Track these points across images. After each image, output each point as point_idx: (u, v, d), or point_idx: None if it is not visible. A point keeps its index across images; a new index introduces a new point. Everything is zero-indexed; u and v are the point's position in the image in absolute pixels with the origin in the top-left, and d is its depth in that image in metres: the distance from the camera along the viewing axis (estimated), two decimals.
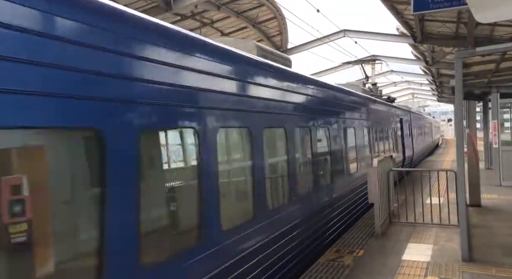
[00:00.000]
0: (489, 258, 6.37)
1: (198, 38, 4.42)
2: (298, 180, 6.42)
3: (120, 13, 3.33)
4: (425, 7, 10.58)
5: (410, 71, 37.31)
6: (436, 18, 14.90)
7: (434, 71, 28.02)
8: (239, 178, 5.25)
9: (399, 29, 20.14)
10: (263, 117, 5.43)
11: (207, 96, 4.22)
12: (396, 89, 48.26)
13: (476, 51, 6.26)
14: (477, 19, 4.76)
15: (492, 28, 14.44)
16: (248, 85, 5.13)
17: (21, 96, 2.42)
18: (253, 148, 5.12)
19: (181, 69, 3.85)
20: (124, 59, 3.19)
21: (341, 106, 9.22)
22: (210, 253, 4.06)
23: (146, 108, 3.36)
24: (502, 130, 14.15)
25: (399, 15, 16.32)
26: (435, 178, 13.53)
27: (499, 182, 13.40)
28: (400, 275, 5.78)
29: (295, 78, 6.74)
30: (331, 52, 61.81)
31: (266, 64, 5.88)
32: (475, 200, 10.28)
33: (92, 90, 2.86)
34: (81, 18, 2.86)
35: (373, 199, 7.98)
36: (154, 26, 3.70)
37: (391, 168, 9.41)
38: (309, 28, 26.91)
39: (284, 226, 5.82)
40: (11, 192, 2.44)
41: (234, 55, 4.96)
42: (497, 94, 13.42)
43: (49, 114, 2.57)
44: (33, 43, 2.53)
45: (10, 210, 2.42)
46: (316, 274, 5.84)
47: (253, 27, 19.87)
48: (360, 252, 6.83)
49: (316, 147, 7.41)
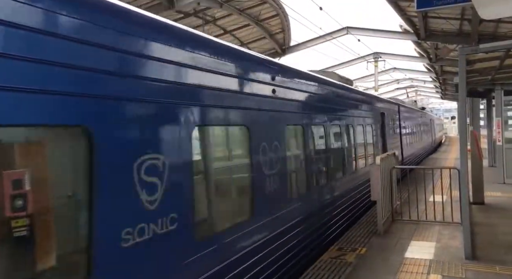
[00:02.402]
0: (492, 256, 6.34)
1: (295, 69, 6.78)
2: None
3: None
4: (428, 4, 10.54)
5: (413, 68, 37.18)
6: (440, 15, 14.84)
7: (438, 68, 27.92)
8: (300, 162, 6.83)
9: (402, 26, 20.05)
10: (310, 117, 7.20)
11: (295, 105, 6.51)
12: (399, 87, 48.11)
13: (479, 48, 6.20)
14: (481, 15, 4.73)
15: (496, 25, 14.37)
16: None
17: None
18: (306, 139, 6.91)
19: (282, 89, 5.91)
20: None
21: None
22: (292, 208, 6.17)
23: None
24: (506, 128, 14.07)
25: (402, 12, 16.26)
26: (438, 175, 13.49)
27: (502, 180, 13.35)
28: (403, 273, 5.77)
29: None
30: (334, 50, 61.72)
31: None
32: (478, 198, 10.24)
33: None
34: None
35: (375, 197, 7.96)
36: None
37: (394, 165, 9.39)
38: (312, 25, 26.76)
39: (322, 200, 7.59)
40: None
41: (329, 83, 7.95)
42: (501, 91, 13.35)
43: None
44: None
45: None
46: (319, 272, 5.84)
47: (255, 24, 19.82)
48: (362, 250, 6.82)
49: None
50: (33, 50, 2.58)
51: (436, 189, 11.42)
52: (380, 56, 30.63)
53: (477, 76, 10.13)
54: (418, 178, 9.90)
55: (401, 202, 9.80)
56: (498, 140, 13.91)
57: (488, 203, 10.28)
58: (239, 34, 21.15)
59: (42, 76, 2.63)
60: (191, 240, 3.88)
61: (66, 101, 2.77)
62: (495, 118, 14.38)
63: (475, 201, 10.14)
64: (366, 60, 30.87)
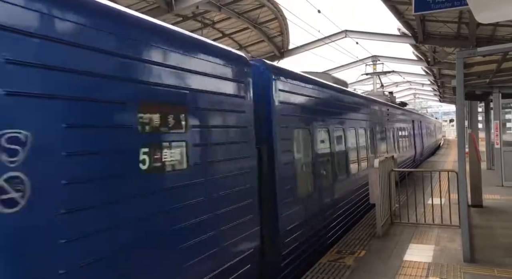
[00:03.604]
0: (491, 258, 6.35)
1: (322, 82, 8.08)
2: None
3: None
4: (426, 7, 10.60)
5: (411, 71, 37.28)
6: (438, 18, 14.92)
7: (436, 71, 28.04)
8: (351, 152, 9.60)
9: (400, 30, 20.15)
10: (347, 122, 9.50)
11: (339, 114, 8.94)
12: (398, 90, 48.21)
13: (477, 51, 6.23)
14: (478, 19, 4.76)
15: (494, 28, 14.45)
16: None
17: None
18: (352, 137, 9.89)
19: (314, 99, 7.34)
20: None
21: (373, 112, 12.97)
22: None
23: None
24: (504, 130, 14.13)
25: (400, 15, 16.34)
26: (436, 178, 13.51)
27: (501, 182, 13.38)
28: (402, 275, 5.77)
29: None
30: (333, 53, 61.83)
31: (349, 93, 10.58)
32: (476, 201, 10.25)
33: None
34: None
35: (374, 200, 7.97)
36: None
37: (392, 168, 9.41)
38: (311, 28, 26.88)
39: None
40: None
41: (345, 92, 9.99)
42: (499, 94, 13.40)
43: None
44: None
45: None
46: (318, 275, 5.84)
47: (254, 28, 19.88)
48: (361, 253, 6.82)
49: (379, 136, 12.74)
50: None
51: (435, 192, 11.44)
52: (379, 59, 30.73)
53: (475, 79, 10.17)
54: (416, 181, 9.92)
55: (400, 204, 9.81)
56: (496, 143, 13.95)
57: (487, 205, 10.30)
58: (237, 38, 21.21)
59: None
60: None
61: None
62: (493, 121, 14.43)
63: (473, 203, 10.15)
64: (365, 63, 30.97)
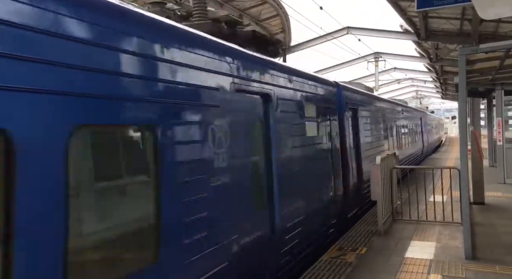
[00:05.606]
0: (492, 256, 6.35)
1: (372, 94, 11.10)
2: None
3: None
4: (429, 4, 10.55)
5: (413, 68, 37.16)
6: (440, 15, 14.84)
7: (438, 68, 27.91)
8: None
9: (402, 26, 20.05)
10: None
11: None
12: (399, 87, 48.08)
13: (480, 48, 6.19)
14: (481, 15, 4.74)
15: (497, 25, 14.37)
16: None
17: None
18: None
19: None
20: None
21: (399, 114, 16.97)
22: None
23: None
24: (507, 127, 14.09)
25: (402, 12, 16.24)
26: (438, 175, 13.49)
27: (503, 180, 13.35)
28: (403, 272, 5.77)
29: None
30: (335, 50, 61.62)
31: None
32: (478, 198, 10.24)
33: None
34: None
35: (376, 197, 7.96)
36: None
37: (394, 165, 9.39)
38: (312, 25, 26.79)
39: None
40: None
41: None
42: (502, 91, 13.36)
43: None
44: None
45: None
46: (319, 272, 5.84)
47: (256, 24, 19.81)
48: (363, 250, 6.83)
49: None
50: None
51: (437, 189, 11.42)
52: (381, 56, 30.64)
53: (477, 76, 10.13)
54: (418, 178, 9.90)
55: (402, 201, 9.81)
56: (499, 140, 13.91)
57: (489, 203, 10.28)
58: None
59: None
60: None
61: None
62: (496, 118, 14.39)
63: (475, 201, 10.14)
64: (367, 60, 30.89)
